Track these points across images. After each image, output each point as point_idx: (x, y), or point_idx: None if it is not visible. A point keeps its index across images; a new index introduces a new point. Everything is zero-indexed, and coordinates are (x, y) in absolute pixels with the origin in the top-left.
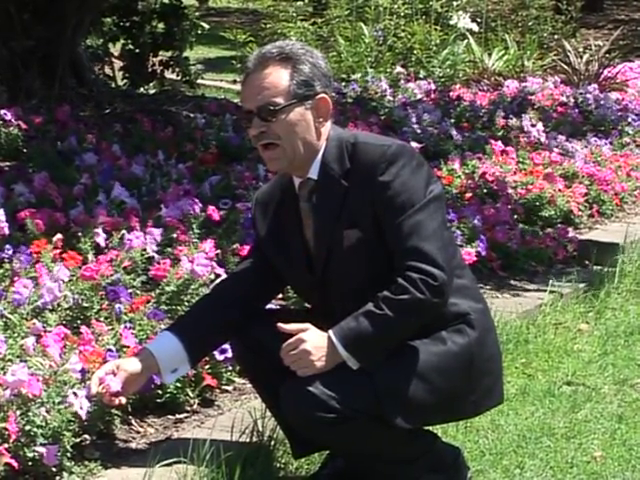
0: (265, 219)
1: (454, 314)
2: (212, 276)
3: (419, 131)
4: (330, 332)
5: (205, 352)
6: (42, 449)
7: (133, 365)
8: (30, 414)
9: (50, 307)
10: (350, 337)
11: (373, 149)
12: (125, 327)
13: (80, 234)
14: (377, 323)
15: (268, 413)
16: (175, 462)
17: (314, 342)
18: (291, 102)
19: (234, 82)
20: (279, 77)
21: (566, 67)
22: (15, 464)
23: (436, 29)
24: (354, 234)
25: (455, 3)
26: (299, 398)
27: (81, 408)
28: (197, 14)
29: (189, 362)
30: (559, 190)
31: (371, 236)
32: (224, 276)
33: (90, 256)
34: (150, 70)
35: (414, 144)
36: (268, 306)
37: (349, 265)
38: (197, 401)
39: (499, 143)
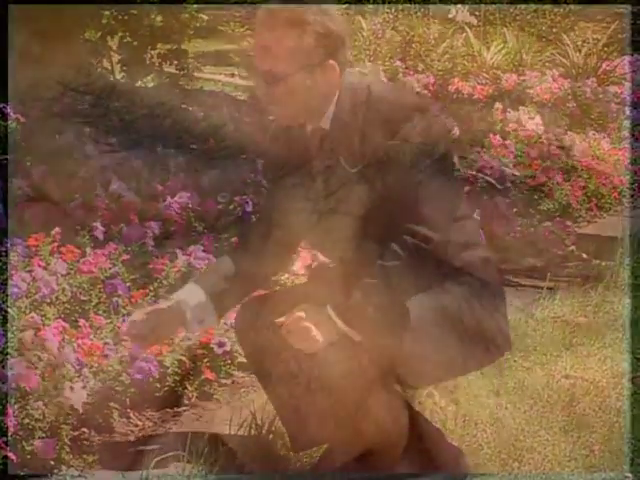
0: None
1: None
2: None
3: None
4: (327, 307)
5: (228, 307)
6: (40, 442)
7: (162, 314)
8: (28, 407)
9: (48, 300)
10: (346, 310)
11: (388, 102)
12: (123, 320)
13: (78, 228)
14: (370, 293)
15: (267, 406)
16: (173, 455)
17: (313, 318)
18: (293, 72)
19: (232, 75)
20: (285, 44)
21: (565, 60)
22: (13, 457)
23: (435, 22)
24: (363, 190)
25: None
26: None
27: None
28: (195, 7)
29: (216, 314)
30: (558, 183)
31: (380, 193)
32: None
33: (88, 250)
34: (148, 63)
35: None
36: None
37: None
38: (196, 394)
39: (497, 137)
